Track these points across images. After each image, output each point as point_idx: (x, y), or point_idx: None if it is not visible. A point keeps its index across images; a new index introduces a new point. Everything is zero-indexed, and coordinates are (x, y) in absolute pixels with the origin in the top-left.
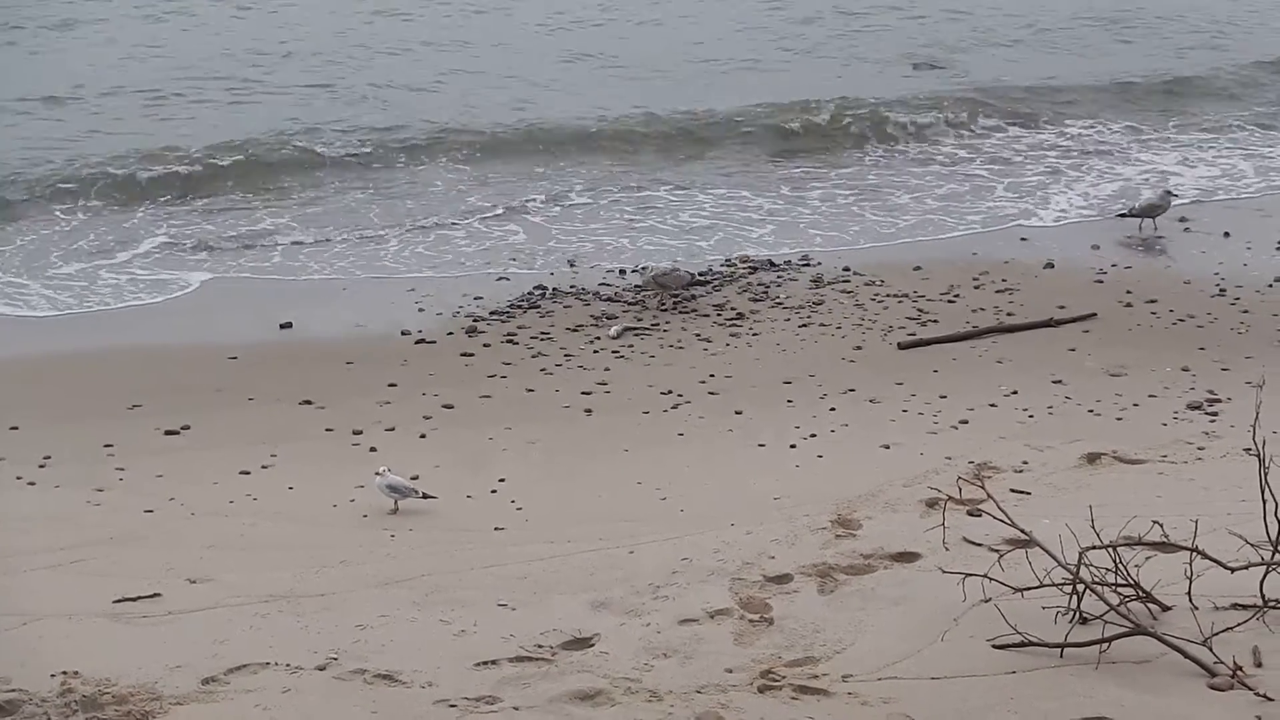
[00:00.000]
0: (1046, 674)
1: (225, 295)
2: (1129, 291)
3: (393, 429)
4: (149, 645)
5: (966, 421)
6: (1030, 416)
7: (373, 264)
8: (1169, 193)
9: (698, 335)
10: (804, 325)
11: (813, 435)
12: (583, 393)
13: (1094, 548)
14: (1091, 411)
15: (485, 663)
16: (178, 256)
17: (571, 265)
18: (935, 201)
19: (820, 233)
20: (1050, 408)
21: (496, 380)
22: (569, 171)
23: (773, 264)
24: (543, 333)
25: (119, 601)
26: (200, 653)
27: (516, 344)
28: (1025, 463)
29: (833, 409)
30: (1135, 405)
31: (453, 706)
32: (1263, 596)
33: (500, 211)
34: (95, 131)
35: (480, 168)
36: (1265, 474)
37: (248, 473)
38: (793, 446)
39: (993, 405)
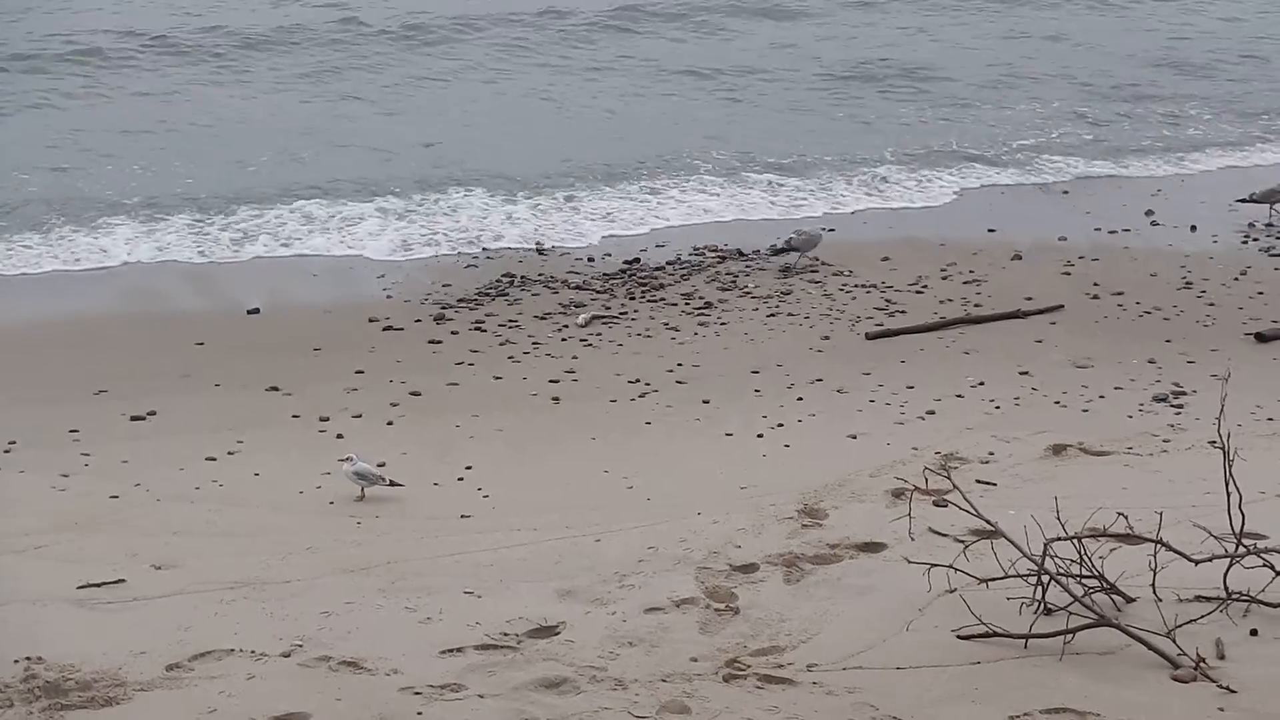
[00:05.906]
0: (1011, 665)
1: (193, 279)
2: (1096, 284)
3: (360, 416)
4: (113, 631)
5: (933, 412)
6: (997, 407)
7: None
8: None
9: (666, 324)
10: (772, 315)
11: (780, 425)
12: (550, 381)
13: (1059, 539)
14: (1058, 403)
15: (450, 650)
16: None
17: (540, 253)
18: None
19: None
20: (1017, 399)
21: (464, 368)
22: None
23: (741, 253)
24: (511, 320)
25: (83, 587)
26: (165, 639)
27: (485, 332)
28: (991, 454)
29: (800, 399)
30: (1101, 397)
31: (417, 694)
32: (1226, 589)
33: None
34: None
35: None
36: (1230, 467)
37: (214, 459)
38: (760, 436)
39: (959, 396)
